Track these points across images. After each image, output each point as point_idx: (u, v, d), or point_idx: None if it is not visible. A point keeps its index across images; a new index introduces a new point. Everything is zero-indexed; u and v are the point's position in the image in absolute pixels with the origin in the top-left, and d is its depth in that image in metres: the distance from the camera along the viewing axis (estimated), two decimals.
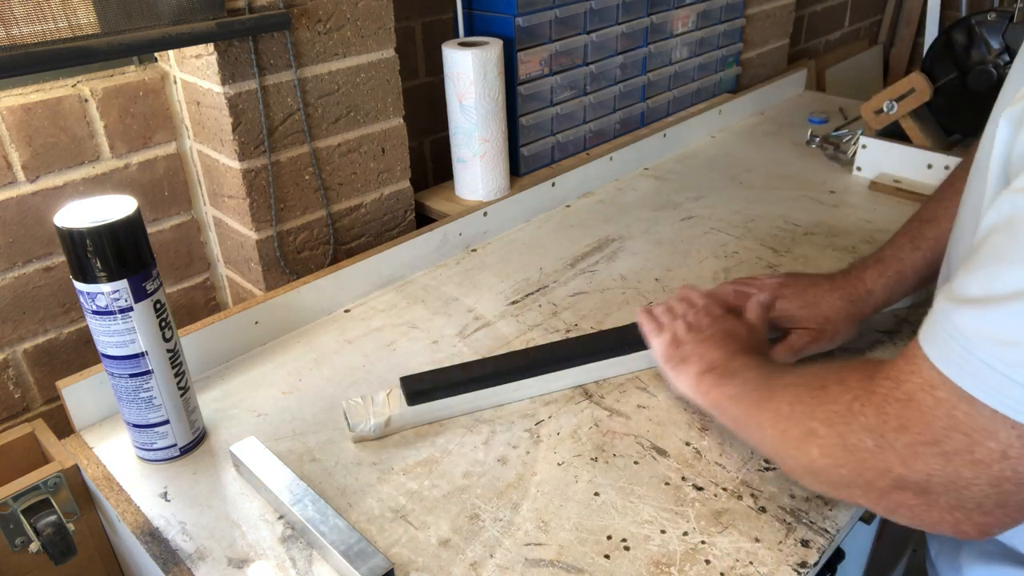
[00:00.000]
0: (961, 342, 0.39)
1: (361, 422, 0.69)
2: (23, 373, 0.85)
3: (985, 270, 0.39)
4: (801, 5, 1.81)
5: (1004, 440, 0.38)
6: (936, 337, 0.41)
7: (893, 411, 0.44)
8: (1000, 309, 0.37)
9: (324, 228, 0.96)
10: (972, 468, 0.40)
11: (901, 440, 0.43)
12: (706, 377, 0.64)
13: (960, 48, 1.09)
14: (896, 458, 0.43)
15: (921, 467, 0.42)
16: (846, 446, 0.47)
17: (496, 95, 1.04)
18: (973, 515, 0.42)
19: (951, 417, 0.40)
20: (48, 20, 0.69)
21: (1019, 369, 0.36)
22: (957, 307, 0.40)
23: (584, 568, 0.57)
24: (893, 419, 0.44)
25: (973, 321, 0.38)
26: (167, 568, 0.58)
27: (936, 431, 0.41)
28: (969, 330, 0.39)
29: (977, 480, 0.40)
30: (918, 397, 0.42)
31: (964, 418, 0.40)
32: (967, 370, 0.39)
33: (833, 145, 1.28)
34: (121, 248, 0.59)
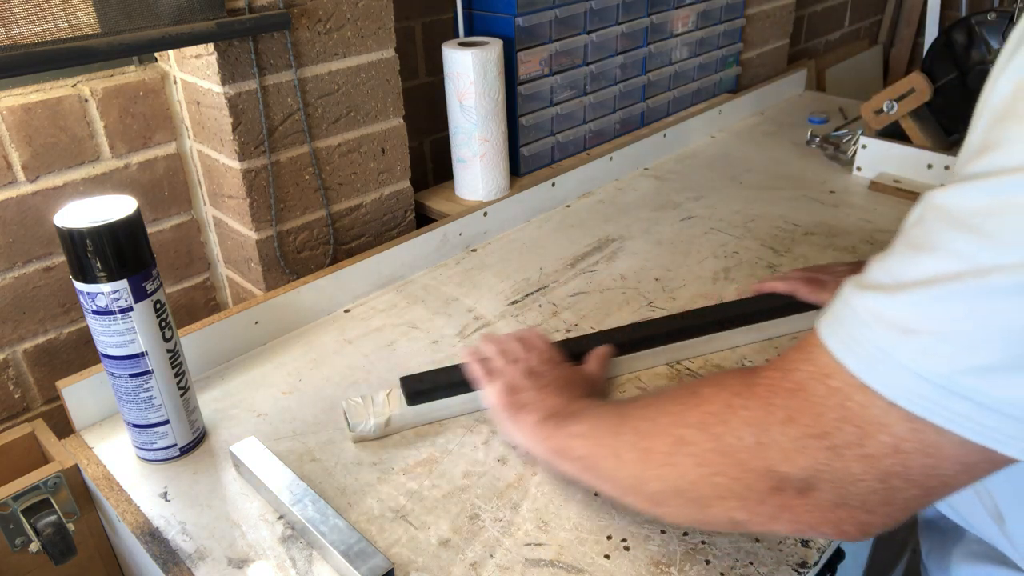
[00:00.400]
0: (861, 329, 0.37)
1: (361, 422, 0.69)
2: (23, 373, 0.85)
3: (895, 259, 0.37)
4: (801, 5, 1.81)
5: (898, 433, 0.36)
6: (836, 323, 0.39)
7: (780, 402, 0.41)
8: (904, 296, 0.35)
9: (324, 228, 0.96)
10: (862, 463, 0.38)
11: (788, 433, 0.40)
12: (547, 423, 0.59)
13: (960, 48, 1.09)
14: (780, 454, 0.40)
15: (807, 462, 0.39)
16: (723, 449, 0.43)
17: (496, 95, 1.04)
18: (856, 513, 0.39)
19: (843, 408, 0.38)
20: (48, 20, 0.69)
21: (918, 359, 0.34)
22: (861, 293, 0.38)
23: (584, 568, 0.57)
24: (779, 410, 0.41)
25: (875, 308, 0.36)
26: (167, 568, 0.58)
27: (827, 423, 0.38)
28: (870, 317, 0.37)
29: (865, 475, 0.38)
30: (809, 386, 0.39)
31: (857, 409, 0.37)
32: (864, 358, 0.37)
33: (833, 145, 1.28)
34: (121, 248, 0.59)
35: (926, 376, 0.34)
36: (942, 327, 0.34)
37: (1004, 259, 0.32)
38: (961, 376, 0.33)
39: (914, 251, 0.36)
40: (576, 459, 0.56)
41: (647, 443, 0.49)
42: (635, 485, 0.50)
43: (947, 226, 0.34)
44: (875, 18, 2.25)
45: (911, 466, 0.37)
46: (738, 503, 0.43)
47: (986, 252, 0.32)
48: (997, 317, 0.32)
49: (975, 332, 0.33)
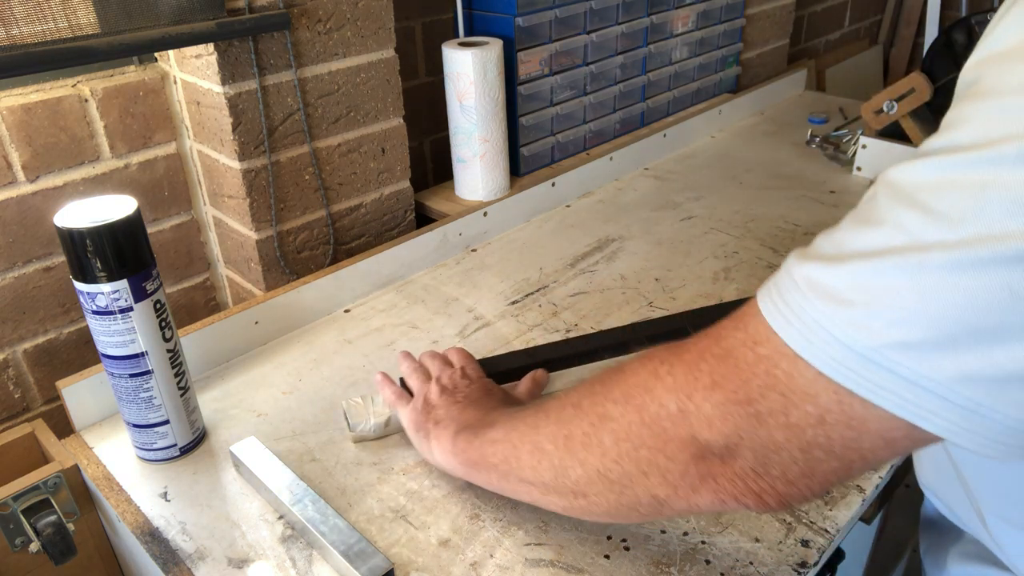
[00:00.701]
0: (796, 297, 0.36)
1: (361, 422, 0.69)
2: (23, 373, 0.85)
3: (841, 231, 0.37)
4: (801, 5, 1.81)
5: (823, 404, 0.36)
6: (773, 291, 0.38)
7: (707, 367, 0.40)
8: (842, 267, 0.35)
9: (324, 228, 0.96)
10: (785, 431, 0.37)
11: (711, 399, 0.39)
12: (462, 435, 0.58)
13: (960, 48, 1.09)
14: (703, 421, 0.40)
15: (730, 429, 0.39)
16: (645, 420, 0.42)
17: (496, 95, 1.04)
18: (777, 483, 0.39)
19: (770, 375, 0.37)
20: (48, 20, 0.69)
21: (848, 330, 0.34)
22: (801, 263, 0.37)
23: (584, 568, 0.57)
24: (705, 375, 0.40)
25: (813, 277, 0.36)
26: (167, 568, 0.58)
27: (752, 389, 0.38)
28: (806, 286, 0.36)
29: (788, 444, 0.37)
30: (737, 352, 0.39)
31: (784, 377, 0.37)
32: (796, 326, 0.36)
33: (833, 145, 1.28)
34: (121, 248, 0.59)
35: (855, 347, 0.34)
36: (875, 299, 0.33)
37: (945, 236, 0.31)
38: (889, 350, 0.33)
39: (860, 224, 0.36)
40: (493, 466, 0.54)
41: (568, 429, 0.48)
42: (555, 478, 0.49)
43: (895, 201, 0.34)
44: (875, 18, 2.25)
45: (833, 438, 0.36)
46: (659, 478, 0.42)
47: (929, 228, 0.32)
48: (931, 293, 0.32)
49: (907, 307, 0.32)
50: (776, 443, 0.38)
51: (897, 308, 0.33)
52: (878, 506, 0.77)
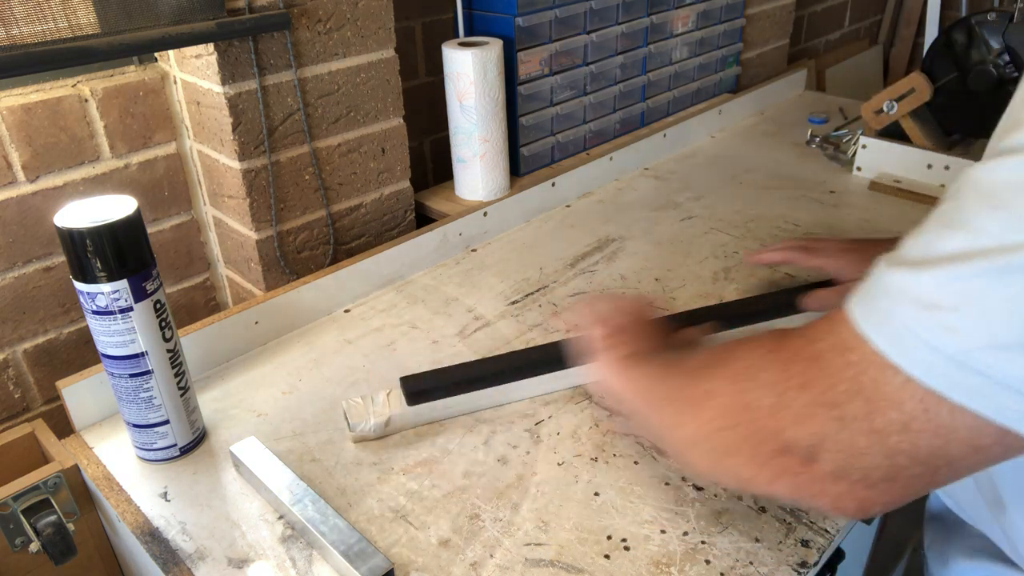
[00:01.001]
0: (886, 303, 0.37)
1: (361, 422, 0.69)
2: (23, 373, 0.85)
3: (927, 235, 0.37)
4: (801, 5, 1.81)
5: (908, 411, 0.36)
6: (863, 297, 0.39)
7: (798, 368, 0.42)
8: (930, 272, 0.35)
9: (324, 228, 0.96)
10: (868, 437, 0.38)
11: (800, 399, 0.41)
12: (628, 360, 0.62)
13: (960, 48, 1.09)
14: (790, 418, 0.41)
15: (814, 429, 0.40)
16: (743, 405, 0.45)
17: (496, 95, 1.04)
18: (857, 488, 0.40)
19: (857, 381, 0.38)
20: (48, 20, 0.69)
21: (938, 334, 0.34)
22: (890, 269, 0.38)
23: (584, 568, 0.57)
24: (797, 376, 0.42)
25: (902, 283, 0.37)
26: (167, 568, 0.58)
27: (838, 393, 0.39)
28: (896, 292, 0.37)
29: (870, 450, 0.38)
30: (827, 357, 0.40)
31: (870, 383, 0.38)
32: (886, 332, 0.37)
33: (833, 145, 1.28)
34: (121, 248, 0.59)
35: (945, 351, 0.34)
36: (964, 303, 0.34)
37: None
38: (979, 352, 0.33)
39: (944, 227, 0.36)
40: (638, 394, 0.58)
41: (684, 392, 0.51)
42: (670, 430, 0.52)
43: (977, 202, 0.35)
44: (875, 18, 2.25)
45: (919, 445, 0.37)
46: (745, 460, 0.44)
47: (1015, 229, 0.32)
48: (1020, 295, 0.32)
49: (996, 309, 0.33)
50: (858, 447, 0.38)
51: (987, 311, 0.33)
52: None
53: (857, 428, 0.38)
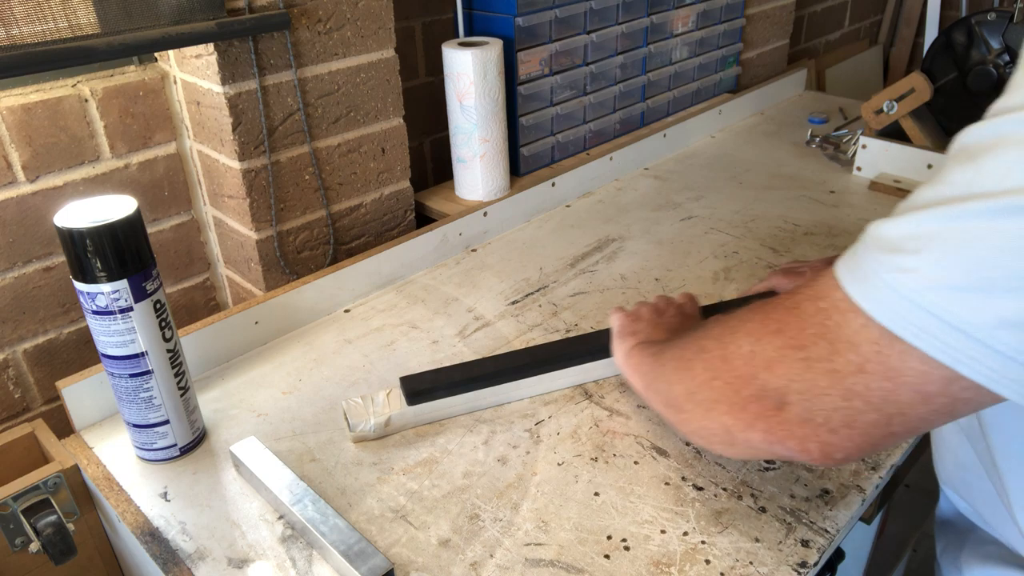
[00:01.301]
0: (860, 251, 0.39)
1: (361, 422, 0.69)
2: (23, 373, 0.85)
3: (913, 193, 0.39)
4: (801, 5, 1.81)
5: (863, 352, 0.38)
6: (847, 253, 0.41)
7: (776, 316, 0.44)
8: (899, 219, 0.37)
9: (324, 228, 0.96)
10: (828, 377, 0.40)
11: (773, 343, 0.44)
12: (640, 347, 0.65)
13: (960, 48, 1.09)
14: (763, 362, 0.44)
15: (784, 371, 0.42)
16: (725, 356, 0.47)
17: (496, 95, 1.04)
18: (820, 431, 0.42)
19: (823, 325, 0.40)
20: (48, 20, 0.69)
21: (897, 275, 0.36)
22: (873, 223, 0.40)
23: (584, 568, 0.57)
24: (774, 323, 0.44)
25: (876, 231, 0.38)
26: (167, 568, 0.58)
27: (806, 336, 0.41)
28: (869, 239, 0.39)
29: (831, 390, 0.40)
30: (803, 305, 0.42)
31: (834, 326, 0.40)
32: (852, 275, 0.39)
33: (833, 145, 1.28)
34: (121, 248, 0.59)
35: (901, 291, 0.35)
36: (923, 246, 0.35)
37: (991, 187, 0.33)
38: (932, 293, 0.34)
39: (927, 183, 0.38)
40: (643, 374, 0.61)
41: (681, 353, 0.54)
42: (667, 392, 0.55)
43: (953, 160, 0.36)
44: (875, 18, 2.25)
45: (872, 388, 0.38)
46: (727, 407, 0.47)
47: (977, 180, 0.34)
48: (973, 238, 0.33)
49: (951, 251, 0.34)
50: (820, 387, 0.40)
51: (942, 252, 0.34)
52: (878, 506, 0.77)
53: (819, 369, 0.40)
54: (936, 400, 0.37)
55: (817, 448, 0.42)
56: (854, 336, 0.38)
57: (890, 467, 0.65)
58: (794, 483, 0.63)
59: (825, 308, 0.40)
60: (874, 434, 0.40)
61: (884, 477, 0.64)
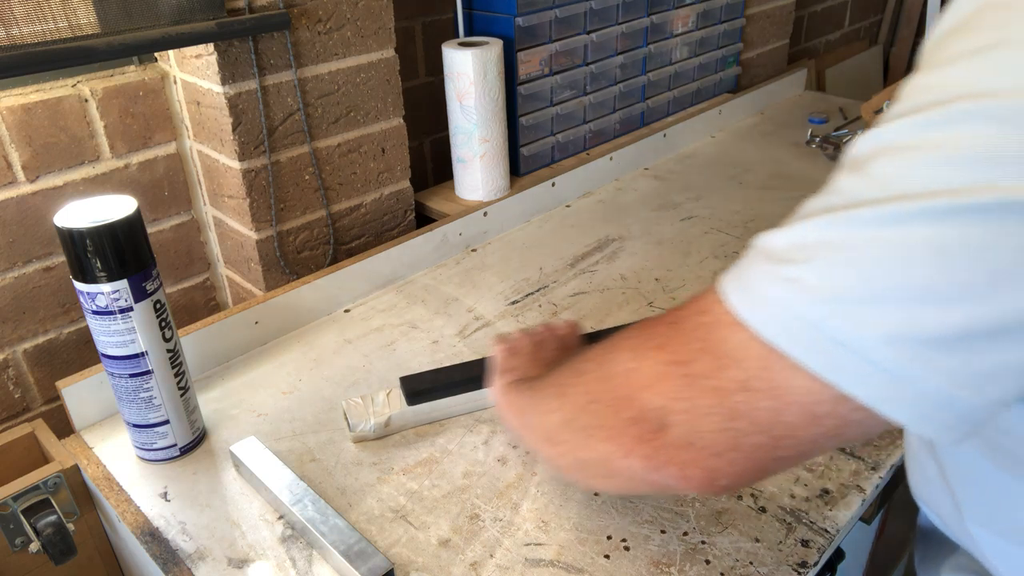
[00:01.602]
0: (745, 263, 0.37)
1: (361, 422, 0.69)
2: (23, 373, 0.85)
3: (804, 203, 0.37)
4: (801, 5, 1.81)
5: (748, 368, 0.35)
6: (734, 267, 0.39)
7: (659, 330, 0.41)
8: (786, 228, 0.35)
9: (324, 228, 0.96)
10: (712, 395, 0.37)
11: (655, 359, 0.40)
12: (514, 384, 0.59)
13: None
14: (644, 380, 0.40)
15: (665, 389, 0.39)
16: (605, 375, 0.44)
17: (496, 95, 1.04)
18: (703, 455, 0.38)
19: (706, 340, 0.37)
20: (48, 20, 0.69)
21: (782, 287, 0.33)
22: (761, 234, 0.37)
23: (584, 568, 0.57)
24: (656, 338, 0.41)
25: (761, 242, 0.36)
26: (167, 568, 0.58)
27: (689, 352, 0.38)
28: (755, 250, 0.36)
29: (714, 410, 0.37)
30: (687, 319, 0.40)
31: (716, 340, 0.37)
32: (736, 287, 0.36)
33: (833, 145, 1.28)
34: (121, 248, 0.59)
35: (784, 303, 0.33)
36: (809, 256, 0.33)
37: (877, 194, 0.32)
38: (818, 306, 0.32)
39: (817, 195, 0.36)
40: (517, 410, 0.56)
41: (558, 380, 0.50)
42: (542, 424, 0.50)
43: (844, 169, 0.35)
44: (875, 18, 2.25)
45: (758, 407, 0.35)
46: (605, 433, 0.43)
47: (862, 188, 0.33)
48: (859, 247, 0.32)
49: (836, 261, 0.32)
50: (703, 407, 0.37)
51: (826, 262, 0.32)
52: (878, 506, 0.77)
53: (703, 386, 0.37)
54: (825, 421, 0.34)
55: (699, 474, 0.39)
56: (738, 351, 0.36)
57: (890, 467, 0.65)
58: (794, 483, 0.63)
59: (709, 322, 0.38)
60: (761, 458, 0.37)
61: (884, 477, 0.65)
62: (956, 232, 0.30)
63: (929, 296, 0.30)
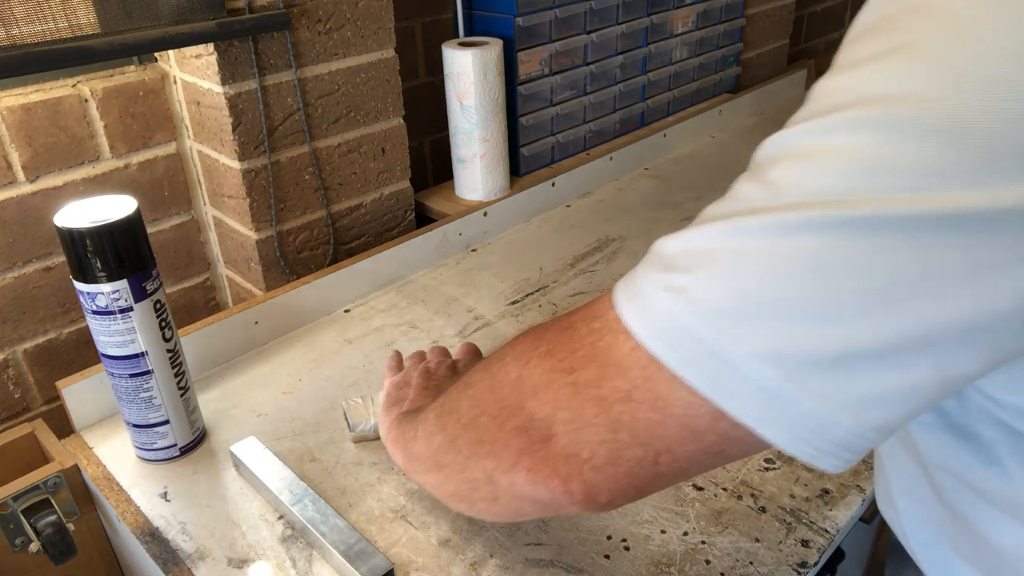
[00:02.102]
0: (638, 270, 0.35)
1: (361, 422, 0.69)
2: (23, 373, 0.85)
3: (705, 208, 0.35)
4: (801, 5, 1.81)
5: (632, 378, 0.34)
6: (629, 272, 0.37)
7: (549, 337, 0.39)
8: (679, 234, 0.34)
9: (324, 228, 0.96)
10: (595, 404, 0.35)
11: (542, 365, 0.39)
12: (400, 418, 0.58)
13: None
14: (531, 388, 0.39)
15: (551, 397, 0.37)
16: (491, 386, 0.42)
17: (496, 95, 1.04)
18: (584, 468, 0.36)
19: (594, 346, 0.36)
20: (48, 20, 0.69)
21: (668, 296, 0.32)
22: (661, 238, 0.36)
23: (584, 568, 0.57)
24: (544, 344, 0.39)
25: (656, 247, 0.35)
26: (167, 568, 0.58)
27: (576, 359, 0.37)
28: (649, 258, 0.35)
29: (597, 419, 0.35)
30: (577, 325, 0.38)
31: (605, 348, 0.35)
32: (625, 294, 0.35)
33: None
34: (121, 248, 0.59)
35: (668, 313, 0.32)
36: (696, 264, 0.32)
37: (769, 202, 0.30)
38: (699, 317, 0.31)
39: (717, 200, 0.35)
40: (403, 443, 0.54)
41: (445, 399, 0.48)
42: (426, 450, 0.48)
43: (746, 174, 0.34)
44: None
45: (638, 419, 0.34)
46: (489, 447, 0.41)
47: (759, 196, 0.31)
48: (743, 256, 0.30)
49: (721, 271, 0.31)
50: (587, 416, 0.36)
51: (713, 271, 0.31)
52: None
53: (587, 395, 0.36)
54: (705, 438, 0.33)
55: (580, 489, 0.37)
56: (623, 360, 0.34)
57: None
58: (794, 483, 0.63)
59: (598, 328, 0.36)
60: (639, 474, 0.36)
61: None
62: (836, 245, 0.28)
63: (807, 313, 0.29)
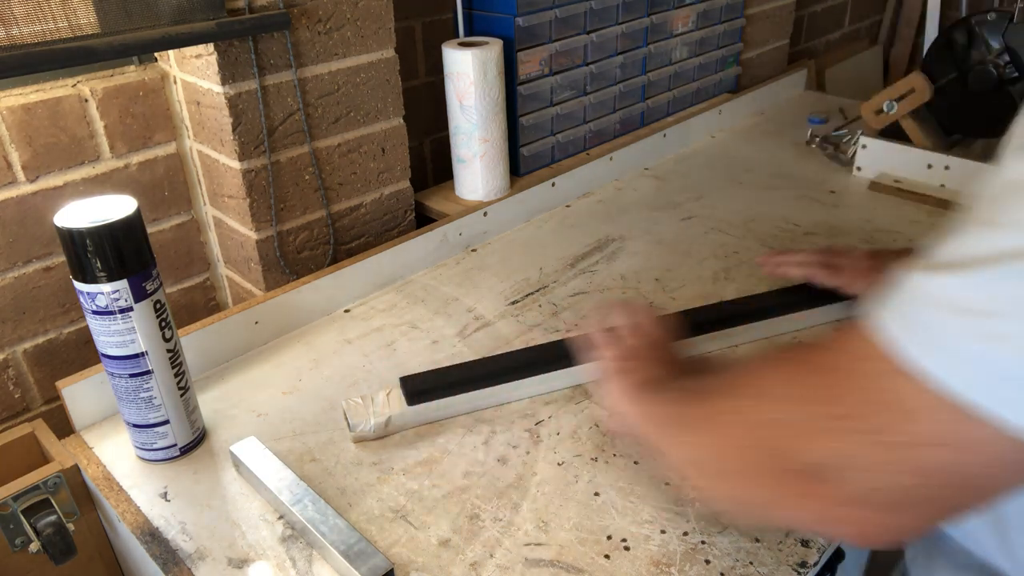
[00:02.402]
0: (916, 310, 0.34)
1: (361, 422, 0.69)
2: (23, 373, 0.85)
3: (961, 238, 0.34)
4: (801, 5, 1.81)
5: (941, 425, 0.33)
6: (888, 305, 0.36)
7: (818, 381, 0.39)
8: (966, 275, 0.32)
9: (324, 228, 0.96)
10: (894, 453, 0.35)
11: (820, 414, 0.38)
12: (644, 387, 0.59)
13: (960, 48, 1.09)
14: (809, 435, 0.38)
15: (836, 446, 0.37)
16: (757, 422, 0.42)
17: (496, 95, 1.04)
18: (879, 513, 0.36)
19: (881, 391, 0.35)
20: (48, 20, 0.69)
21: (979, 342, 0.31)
22: (921, 274, 0.34)
23: (584, 568, 0.57)
24: (816, 389, 0.39)
25: (934, 287, 0.33)
26: (167, 568, 0.58)
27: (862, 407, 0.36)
28: (926, 297, 0.34)
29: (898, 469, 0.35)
30: (849, 366, 0.37)
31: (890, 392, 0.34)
32: (915, 340, 0.34)
33: (833, 145, 1.28)
34: (121, 248, 0.59)
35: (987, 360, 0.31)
36: (1010, 307, 0.30)
37: None
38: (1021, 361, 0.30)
39: (980, 227, 0.33)
40: (652, 421, 0.55)
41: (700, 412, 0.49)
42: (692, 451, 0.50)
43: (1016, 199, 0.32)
44: (875, 18, 2.25)
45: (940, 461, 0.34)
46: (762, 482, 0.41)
47: None
48: None
49: None
50: (883, 466, 0.35)
51: None
52: None
53: (882, 445, 0.35)
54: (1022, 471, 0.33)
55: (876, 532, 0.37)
56: (926, 407, 0.33)
57: None
58: None
59: (870, 372, 0.35)
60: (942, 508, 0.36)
61: None
62: None
63: None
